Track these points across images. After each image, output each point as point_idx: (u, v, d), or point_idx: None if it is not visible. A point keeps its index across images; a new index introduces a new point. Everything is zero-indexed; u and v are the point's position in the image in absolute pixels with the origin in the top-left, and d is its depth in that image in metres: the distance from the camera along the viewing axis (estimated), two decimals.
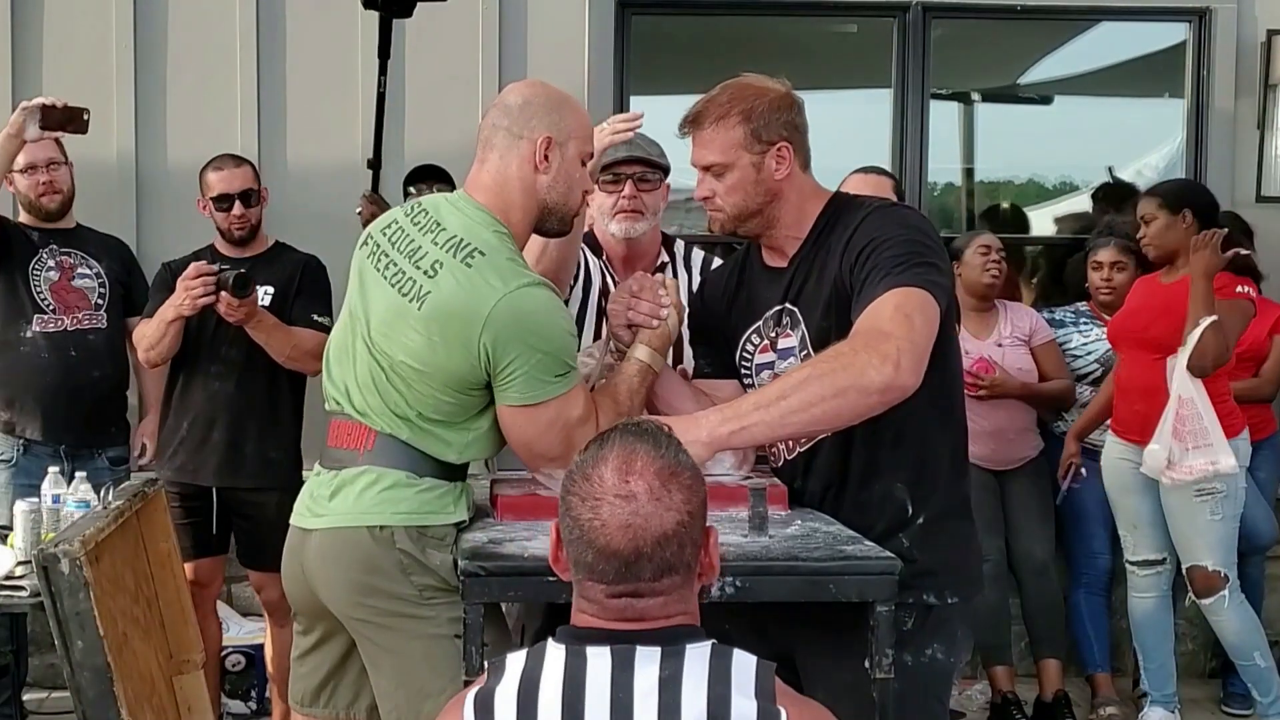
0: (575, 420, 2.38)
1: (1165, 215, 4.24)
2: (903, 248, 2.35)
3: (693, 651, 1.69)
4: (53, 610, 2.76)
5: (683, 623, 1.73)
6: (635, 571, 1.69)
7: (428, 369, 2.34)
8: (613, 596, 1.70)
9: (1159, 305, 4.26)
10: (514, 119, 2.44)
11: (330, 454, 2.47)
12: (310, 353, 3.80)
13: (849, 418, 2.28)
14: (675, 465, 1.73)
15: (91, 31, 4.89)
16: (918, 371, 2.25)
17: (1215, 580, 4.19)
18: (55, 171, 4.20)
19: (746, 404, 2.27)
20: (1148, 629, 4.43)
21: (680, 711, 1.65)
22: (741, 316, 2.62)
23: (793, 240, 2.52)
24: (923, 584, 2.42)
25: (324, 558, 2.42)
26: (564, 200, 2.47)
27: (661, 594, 1.71)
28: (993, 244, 4.57)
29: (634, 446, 1.73)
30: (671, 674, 1.67)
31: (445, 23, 4.68)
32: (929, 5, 5.18)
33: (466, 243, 2.35)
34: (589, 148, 2.51)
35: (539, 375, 2.34)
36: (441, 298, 2.33)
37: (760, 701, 1.67)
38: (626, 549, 1.68)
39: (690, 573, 1.73)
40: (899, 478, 2.45)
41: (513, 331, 2.30)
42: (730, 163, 2.47)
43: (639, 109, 5.05)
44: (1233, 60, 5.16)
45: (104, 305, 4.24)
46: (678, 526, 1.69)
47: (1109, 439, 4.42)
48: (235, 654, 4.50)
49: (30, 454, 4.09)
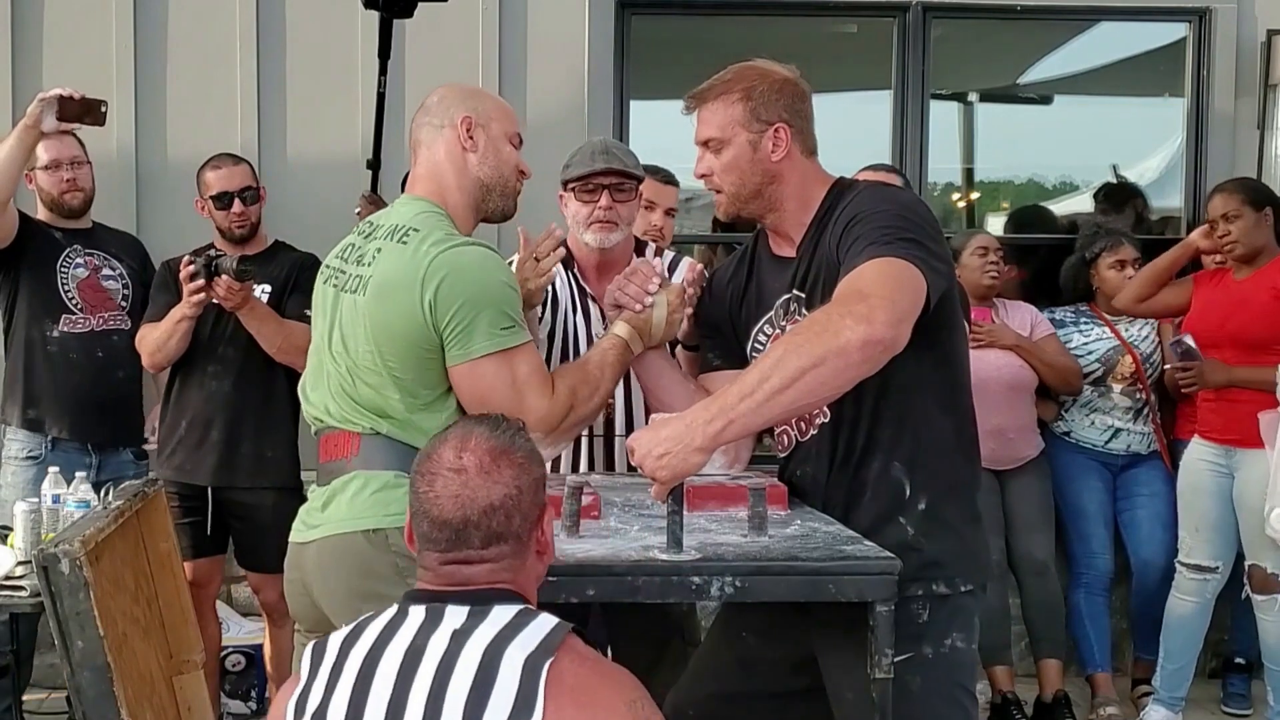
0: (524, 375, 2.39)
1: (1250, 212, 4.24)
2: (889, 221, 2.34)
3: (499, 611, 1.80)
4: (53, 610, 2.75)
5: (503, 588, 1.83)
6: (464, 539, 1.83)
7: (382, 345, 2.37)
8: (444, 564, 1.84)
9: (1234, 300, 4.27)
10: (433, 114, 2.55)
11: (323, 470, 2.49)
12: (300, 347, 3.78)
13: (837, 384, 2.20)
14: (508, 445, 1.86)
15: (92, 29, 4.89)
16: (896, 325, 2.19)
17: (1272, 583, 4.17)
18: (79, 169, 4.21)
19: (731, 395, 2.19)
20: (1180, 633, 4.41)
21: (458, 659, 1.75)
22: (752, 308, 2.62)
23: (799, 227, 2.53)
24: (932, 574, 2.41)
25: (322, 567, 2.43)
26: (497, 174, 2.54)
27: (489, 561, 1.83)
28: (990, 244, 4.57)
29: (472, 429, 1.89)
30: (466, 628, 1.78)
31: (445, 23, 4.68)
32: (929, 5, 5.18)
33: (402, 225, 2.43)
34: (513, 129, 2.58)
35: (484, 328, 2.35)
36: (381, 273, 2.38)
37: (532, 654, 1.74)
38: (456, 518, 1.82)
39: (521, 544, 1.85)
40: (897, 456, 2.44)
41: (452, 284, 2.33)
42: (727, 139, 2.49)
43: (639, 109, 5.14)
44: (1233, 60, 5.16)
45: (127, 307, 4.26)
46: (504, 499, 1.83)
47: (1194, 441, 4.40)
48: (235, 654, 4.50)
49: (58, 450, 4.11)
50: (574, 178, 3.19)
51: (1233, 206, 4.26)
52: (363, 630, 1.84)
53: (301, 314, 4.01)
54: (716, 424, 2.17)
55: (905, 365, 2.30)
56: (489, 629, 1.77)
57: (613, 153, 3.21)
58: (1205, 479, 4.32)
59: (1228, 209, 4.27)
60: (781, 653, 2.59)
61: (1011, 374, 4.50)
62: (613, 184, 3.17)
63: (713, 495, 2.57)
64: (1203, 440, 4.36)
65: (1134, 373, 4.64)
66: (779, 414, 2.24)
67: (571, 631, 1.80)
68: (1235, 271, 4.33)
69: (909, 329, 2.23)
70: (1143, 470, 4.70)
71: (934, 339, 2.37)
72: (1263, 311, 4.18)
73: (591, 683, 1.75)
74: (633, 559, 2.23)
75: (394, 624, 1.82)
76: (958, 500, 2.49)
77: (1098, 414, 4.68)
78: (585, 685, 1.74)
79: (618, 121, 5.08)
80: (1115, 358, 4.65)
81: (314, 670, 1.84)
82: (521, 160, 2.59)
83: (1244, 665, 4.64)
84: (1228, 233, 4.27)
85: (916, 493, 2.44)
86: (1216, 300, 4.34)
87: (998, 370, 4.41)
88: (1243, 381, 4.20)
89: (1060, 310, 4.85)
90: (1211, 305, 4.35)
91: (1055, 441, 4.72)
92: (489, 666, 1.73)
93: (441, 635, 1.78)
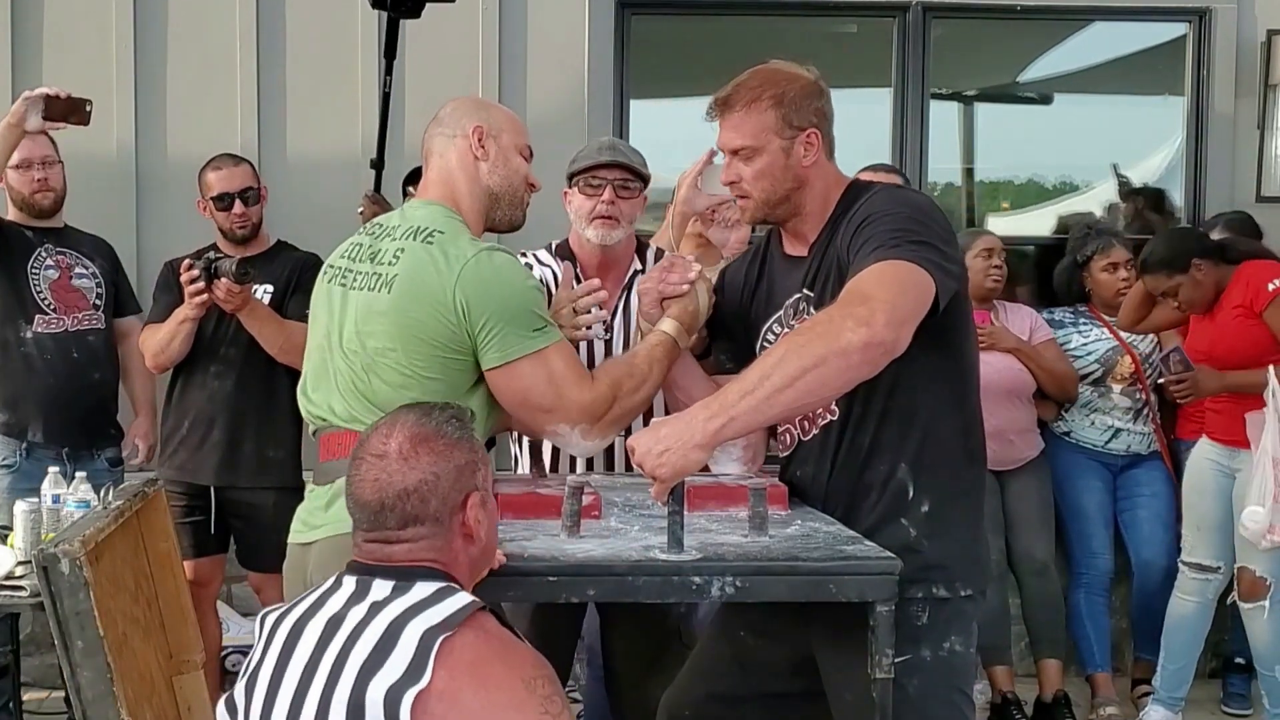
0: (560, 370, 2.42)
1: (1180, 276, 4.22)
2: (899, 223, 2.33)
3: (420, 587, 1.89)
4: (53, 610, 2.75)
5: (426, 566, 1.92)
6: (381, 520, 1.92)
7: (408, 345, 2.38)
8: (367, 542, 1.95)
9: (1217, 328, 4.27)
10: (445, 124, 2.60)
11: (323, 468, 2.49)
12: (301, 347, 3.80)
13: (838, 385, 2.22)
14: (432, 433, 1.94)
15: (91, 28, 4.89)
16: (897, 327, 2.19)
17: (1260, 587, 4.17)
18: (50, 169, 4.16)
19: (732, 393, 2.19)
20: (1181, 632, 4.41)
21: (369, 627, 1.84)
22: (763, 307, 2.62)
23: (814, 228, 2.53)
24: (932, 576, 2.40)
25: (326, 567, 2.40)
26: (507, 184, 2.58)
27: (406, 541, 1.92)
28: (995, 247, 4.56)
29: (403, 416, 1.98)
30: (385, 600, 1.88)
31: (445, 23, 4.68)
32: (929, 5, 5.18)
33: (425, 227, 2.46)
34: (523, 141, 2.62)
35: (516, 331, 2.39)
36: (409, 273, 2.40)
37: (431, 628, 1.82)
38: (373, 500, 1.92)
39: (440, 526, 1.93)
40: (901, 458, 2.43)
41: (482, 291, 2.37)
42: (760, 147, 2.47)
43: (638, 110, 5.14)
44: (1233, 60, 5.17)
45: (102, 306, 4.23)
46: (419, 484, 1.91)
47: (1202, 441, 4.39)
48: (235, 654, 4.50)
49: (32, 457, 4.07)
50: (579, 169, 3.20)
51: (1164, 284, 4.27)
52: (300, 601, 1.96)
53: (303, 314, 4.00)
54: (716, 421, 2.17)
55: (913, 366, 2.30)
56: (404, 602, 1.86)
57: (619, 149, 3.23)
58: (1209, 479, 4.32)
59: (1163, 287, 4.28)
60: (780, 654, 2.59)
61: (1012, 377, 4.49)
62: (617, 180, 3.16)
63: (713, 495, 2.57)
64: (1210, 440, 4.36)
65: (1133, 373, 4.64)
66: (779, 413, 2.23)
67: (484, 610, 1.87)
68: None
69: (910, 332, 2.22)
70: (1143, 470, 4.70)
71: (943, 340, 2.37)
72: (1239, 336, 4.16)
73: (489, 658, 1.82)
74: (633, 559, 2.23)
75: (326, 594, 1.94)
76: (961, 503, 2.48)
77: (1098, 414, 4.68)
78: (482, 659, 1.81)
79: (618, 121, 5.08)
80: (1114, 358, 4.65)
81: (259, 635, 1.98)
82: (531, 173, 2.62)
83: (1244, 665, 4.63)
84: (1178, 305, 4.29)
85: (920, 494, 2.43)
86: (1202, 331, 4.35)
87: (999, 373, 4.41)
88: (1236, 386, 4.21)
89: (1059, 311, 4.85)
90: (1197, 331, 4.37)
91: (1055, 442, 4.72)
92: (391, 635, 1.82)
93: (361, 607, 1.88)
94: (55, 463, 3.74)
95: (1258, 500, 4.04)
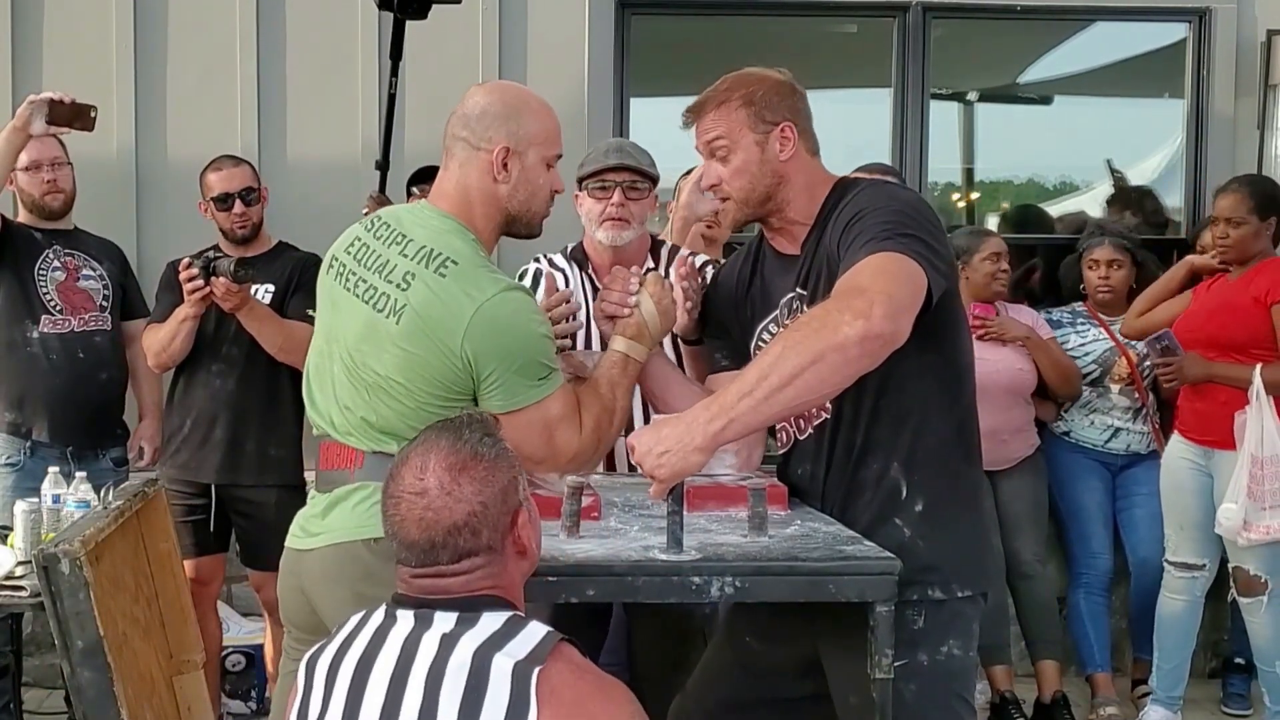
0: (555, 419, 2.39)
1: (1255, 221, 4.21)
2: (889, 217, 2.32)
3: (488, 619, 1.81)
4: (53, 610, 2.75)
5: (486, 595, 1.84)
6: (433, 558, 1.84)
7: (413, 382, 2.35)
8: (417, 578, 1.86)
9: (1219, 301, 4.27)
10: (472, 129, 2.45)
11: (323, 476, 2.48)
12: (302, 345, 3.80)
13: (837, 380, 2.18)
14: (469, 458, 1.85)
15: (92, 29, 4.90)
16: (895, 318, 2.16)
17: (1256, 585, 4.18)
18: (59, 170, 4.19)
19: (731, 394, 2.17)
20: (1172, 630, 4.41)
21: (449, 661, 1.76)
22: (756, 307, 2.61)
23: (803, 226, 2.51)
24: (927, 578, 2.38)
25: (324, 575, 2.42)
26: (526, 207, 2.48)
27: (462, 574, 1.84)
28: (1002, 251, 4.54)
29: (435, 442, 1.87)
30: (456, 632, 1.79)
31: (445, 23, 4.68)
32: (929, 5, 5.19)
33: (438, 252, 2.37)
34: (552, 151, 2.49)
35: (521, 381, 2.35)
36: (418, 310, 2.33)
37: (520, 662, 1.74)
38: (422, 540, 1.83)
39: (494, 553, 1.86)
40: (895, 456, 2.42)
41: (492, 342, 2.32)
42: (734, 142, 2.46)
43: (639, 110, 5.14)
44: (1233, 60, 5.17)
45: (108, 307, 4.25)
46: (469, 516, 1.83)
47: (1174, 439, 4.40)
48: (235, 654, 4.50)
49: (37, 456, 4.07)
50: (588, 174, 3.23)
51: (1240, 213, 4.22)
52: (354, 637, 1.86)
53: (304, 314, 4.02)
54: (717, 423, 2.16)
55: (905, 363, 2.29)
56: (476, 634, 1.78)
57: (627, 150, 3.25)
58: (1186, 478, 4.33)
59: (1234, 214, 4.23)
60: (786, 657, 2.58)
61: (1009, 376, 4.49)
62: (626, 182, 3.19)
63: (713, 495, 2.56)
64: (1182, 438, 4.36)
65: (1130, 373, 4.64)
66: (779, 412, 2.21)
67: (563, 641, 1.79)
68: (1232, 273, 4.33)
69: (909, 322, 2.21)
70: (1141, 470, 4.69)
71: (935, 337, 2.36)
72: (1243, 315, 4.16)
73: (590, 694, 1.76)
74: (633, 559, 2.23)
75: (383, 630, 1.84)
76: (957, 502, 2.46)
77: (1097, 414, 4.68)
78: (584, 697, 1.74)
79: (618, 121, 5.09)
80: (1111, 359, 4.65)
81: (309, 681, 1.86)
82: (557, 178, 2.52)
83: (1244, 665, 4.64)
84: (1226, 235, 4.25)
85: (913, 494, 2.41)
86: (1205, 301, 4.35)
87: (996, 372, 4.40)
88: (1221, 377, 4.20)
89: (1057, 311, 4.85)
90: (1198, 305, 4.36)
91: (1055, 441, 4.72)
92: (479, 672, 1.73)
93: (431, 639, 1.79)
94: (59, 462, 3.74)
95: (1232, 497, 4.05)
